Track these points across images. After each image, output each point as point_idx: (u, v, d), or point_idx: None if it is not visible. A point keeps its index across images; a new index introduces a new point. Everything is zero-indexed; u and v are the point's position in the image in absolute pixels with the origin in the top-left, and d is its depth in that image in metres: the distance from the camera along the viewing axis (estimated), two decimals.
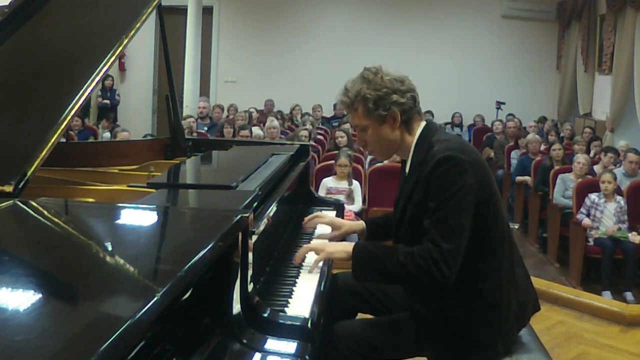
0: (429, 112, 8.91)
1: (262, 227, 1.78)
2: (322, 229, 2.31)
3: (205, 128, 7.42)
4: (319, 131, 7.82)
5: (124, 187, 2.16)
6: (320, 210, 2.76)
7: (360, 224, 2.22)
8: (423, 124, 1.86)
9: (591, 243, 4.80)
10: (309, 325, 1.56)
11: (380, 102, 1.77)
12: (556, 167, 5.76)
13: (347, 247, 1.85)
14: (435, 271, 1.65)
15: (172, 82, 2.96)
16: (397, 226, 1.87)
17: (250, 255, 1.52)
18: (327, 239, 2.20)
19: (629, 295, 4.57)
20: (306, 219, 2.23)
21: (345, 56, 9.57)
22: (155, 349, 1.12)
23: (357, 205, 4.88)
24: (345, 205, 3.69)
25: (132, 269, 1.25)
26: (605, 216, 4.82)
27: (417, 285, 1.79)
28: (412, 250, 1.71)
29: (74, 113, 1.90)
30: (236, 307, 1.45)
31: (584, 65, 8.88)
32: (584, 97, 8.94)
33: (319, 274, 1.95)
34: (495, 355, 1.79)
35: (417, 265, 1.68)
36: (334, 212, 2.77)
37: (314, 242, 2.03)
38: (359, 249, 1.81)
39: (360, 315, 2.19)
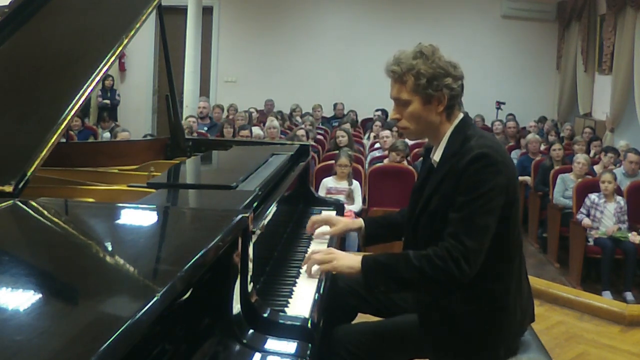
0: None
1: (261, 229, 1.78)
2: (320, 228, 2.28)
3: (205, 128, 7.42)
4: (319, 131, 7.81)
5: (124, 187, 2.16)
6: (320, 211, 2.76)
7: (359, 221, 2.18)
8: (461, 115, 1.81)
9: (591, 243, 4.80)
10: (309, 325, 1.55)
11: (433, 81, 1.72)
12: (556, 167, 5.76)
13: (354, 262, 1.78)
14: (454, 269, 1.63)
15: (172, 82, 2.96)
16: (418, 215, 1.81)
17: (251, 255, 1.52)
18: (326, 235, 2.21)
19: (629, 295, 4.57)
20: (308, 227, 2.19)
21: (345, 56, 9.59)
22: (155, 349, 1.12)
23: (357, 205, 4.88)
24: (345, 205, 3.69)
25: (132, 269, 1.25)
26: (605, 216, 4.82)
27: (435, 287, 1.75)
28: (427, 253, 1.68)
29: (74, 113, 1.89)
30: (236, 307, 1.45)
31: (584, 65, 8.88)
32: (584, 97, 8.94)
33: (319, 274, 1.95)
34: (496, 358, 1.78)
35: (434, 266, 1.65)
36: (334, 212, 2.76)
37: (321, 253, 1.91)
38: (369, 262, 1.76)
39: (360, 316, 2.20)
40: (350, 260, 1.81)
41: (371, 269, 1.75)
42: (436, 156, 1.82)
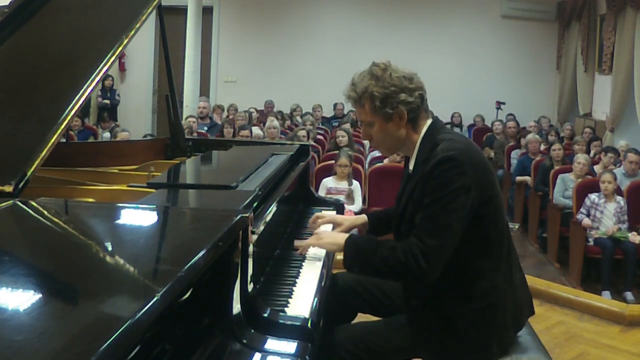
0: None
1: (261, 228, 1.78)
2: (324, 228, 2.30)
3: (205, 128, 7.42)
4: (319, 131, 7.81)
5: (124, 187, 2.16)
6: (320, 211, 2.76)
7: (363, 217, 2.22)
8: (429, 122, 1.85)
9: (591, 243, 4.80)
10: (309, 325, 1.56)
11: (388, 101, 1.76)
12: (556, 167, 5.76)
13: (339, 239, 1.87)
14: (413, 265, 1.67)
15: (172, 82, 2.96)
16: (398, 222, 1.88)
17: (251, 255, 1.52)
18: None
19: (629, 295, 4.57)
20: (310, 221, 2.23)
21: (345, 56, 9.57)
22: (155, 349, 1.12)
23: (357, 205, 4.88)
24: (345, 206, 3.69)
25: (132, 269, 1.25)
26: (605, 216, 4.82)
27: (397, 278, 1.83)
28: (395, 245, 1.74)
29: (74, 113, 1.89)
30: (236, 307, 1.45)
31: (584, 65, 8.88)
32: (584, 97, 8.94)
33: (319, 274, 1.95)
34: (490, 356, 1.79)
35: (397, 260, 1.70)
36: (334, 213, 2.76)
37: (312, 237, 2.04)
38: (350, 243, 1.84)
39: (360, 316, 2.20)
40: (335, 237, 1.91)
41: (350, 249, 1.82)
42: (411, 165, 1.88)
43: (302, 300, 1.76)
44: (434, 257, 1.68)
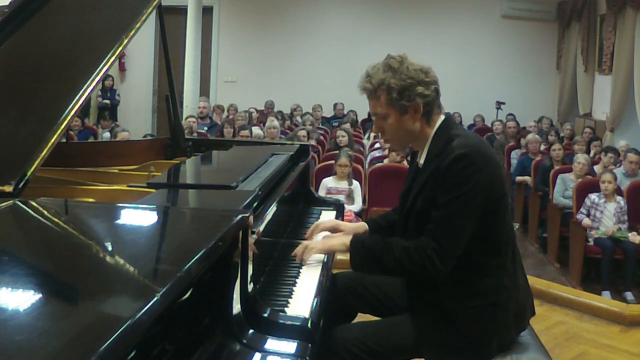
0: None
1: (261, 228, 1.78)
2: (322, 235, 2.28)
3: (205, 128, 7.41)
4: (319, 131, 7.81)
5: (124, 187, 2.16)
6: (320, 211, 2.76)
7: (363, 225, 2.20)
8: (442, 117, 1.86)
9: (591, 243, 4.80)
10: (309, 325, 1.55)
11: (405, 93, 1.76)
12: (556, 167, 5.76)
13: (345, 239, 1.90)
14: (429, 266, 1.71)
15: (172, 82, 2.96)
16: (406, 217, 1.87)
17: (250, 255, 1.52)
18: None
19: (629, 295, 4.57)
20: (308, 233, 2.18)
21: (346, 56, 9.59)
22: (155, 349, 1.12)
23: (357, 205, 4.88)
24: (345, 206, 3.69)
25: (132, 269, 1.25)
26: (605, 216, 4.82)
27: (409, 276, 1.85)
28: (408, 246, 1.75)
29: (74, 113, 1.89)
30: (236, 307, 1.45)
31: (584, 65, 8.88)
32: (584, 97, 8.94)
33: (319, 274, 1.95)
34: (489, 354, 1.79)
35: (412, 261, 1.73)
36: (334, 212, 2.76)
37: (312, 242, 2.05)
38: (357, 244, 1.86)
39: (360, 315, 2.20)
40: (341, 238, 1.94)
41: (358, 250, 1.85)
42: (421, 159, 1.87)
43: (302, 300, 1.76)
44: (449, 257, 1.71)
